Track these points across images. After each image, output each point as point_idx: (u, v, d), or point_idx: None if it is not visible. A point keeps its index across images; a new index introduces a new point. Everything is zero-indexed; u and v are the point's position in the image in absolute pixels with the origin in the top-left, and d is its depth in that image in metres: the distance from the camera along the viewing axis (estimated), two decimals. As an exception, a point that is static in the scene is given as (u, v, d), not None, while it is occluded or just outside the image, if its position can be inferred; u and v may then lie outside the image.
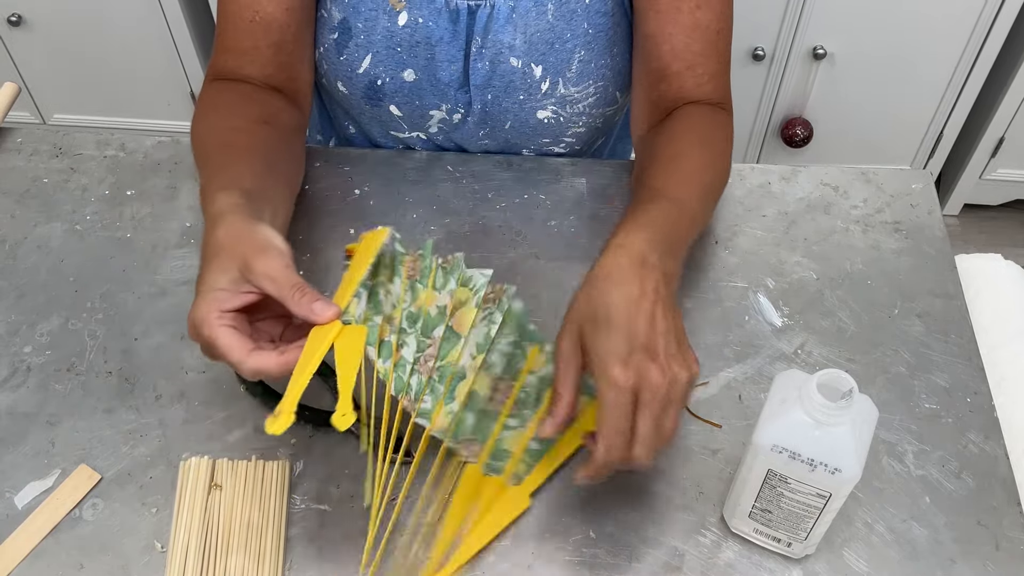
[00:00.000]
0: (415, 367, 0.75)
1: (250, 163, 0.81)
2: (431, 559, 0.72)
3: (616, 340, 0.66)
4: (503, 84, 0.94)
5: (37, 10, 1.87)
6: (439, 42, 0.91)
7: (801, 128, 1.92)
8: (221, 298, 0.67)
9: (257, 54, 0.90)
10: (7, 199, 0.96)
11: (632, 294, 0.68)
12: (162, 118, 2.05)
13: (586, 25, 0.91)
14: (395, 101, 0.96)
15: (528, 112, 0.96)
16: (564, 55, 0.92)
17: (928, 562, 0.73)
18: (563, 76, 0.93)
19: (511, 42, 0.91)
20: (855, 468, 0.63)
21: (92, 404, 0.81)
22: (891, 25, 1.76)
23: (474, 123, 0.98)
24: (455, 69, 0.93)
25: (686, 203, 0.79)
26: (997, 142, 1.94)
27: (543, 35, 0.91)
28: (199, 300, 0.67)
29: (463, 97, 0.96)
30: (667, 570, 0.73)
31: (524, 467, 0.77)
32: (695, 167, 0.84)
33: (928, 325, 0.87)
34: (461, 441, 0.76)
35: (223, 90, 0.91)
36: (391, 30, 0.91)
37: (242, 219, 0.71)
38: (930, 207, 0.97)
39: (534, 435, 0.77)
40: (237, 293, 0.67)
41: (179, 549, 0.72)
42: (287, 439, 0.79)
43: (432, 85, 0.95)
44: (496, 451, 0.77)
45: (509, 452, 0.77)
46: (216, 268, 0.68)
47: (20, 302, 0.88)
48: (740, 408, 0.81)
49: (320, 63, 0.95)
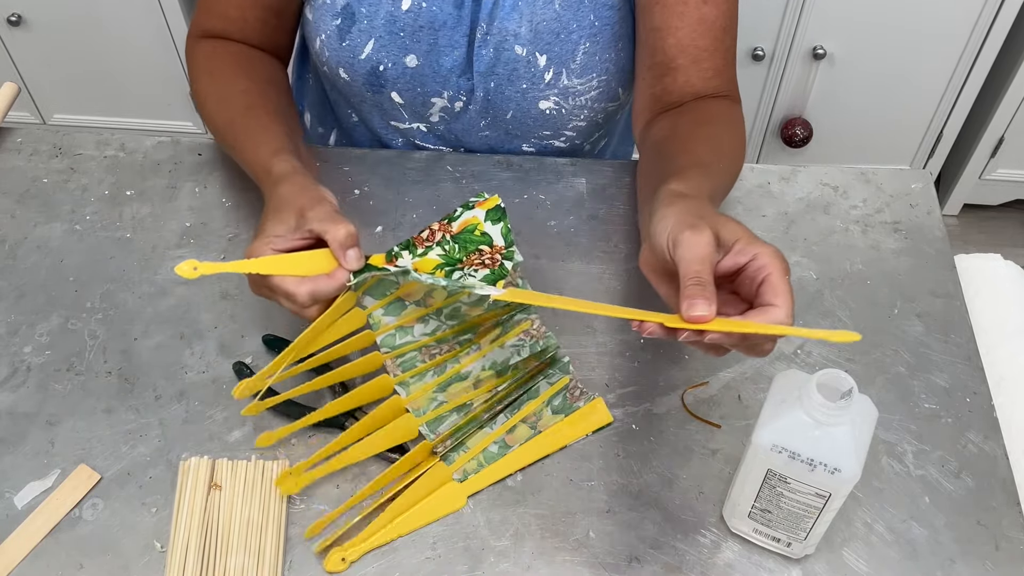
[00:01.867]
0: (420, 348, 0.78)
1: (280, 124, 0.88)
2: (361, 534, 0.74)
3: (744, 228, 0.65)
4: (507, 72, 0.94)
5: (37, 10, 1.87)
6: (442, 27, 0.92)
7: (801, 128, 1.92)
8: (276, 241, 0.74)
9: (243, 24, 0.96)
10: (7, 199, 0.96)
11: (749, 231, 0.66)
12: (162, 118, 2.05)
13: (592, 17, 0.91)
14: (397, 88, 0.96)
15: (531, 102, 0.96)
16: (569, 46, 0.92)
17: (928, 562, 0.73)
18: (567, 67, 0.93)
19: (516, 30, 0.91)
20: (855, 468, 0.63)
21: (92, 404, 0.81)
22: (891, 25, 1.76)
23: (476, 112, 0.98)
24: (458, 55, 0.94)
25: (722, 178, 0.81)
26: (997, 142, 1.94)
27: (549, 24, 0.91)
28: (257, 241, 0.74)
29: (465, 84, 0.96)
30: (667, 570, 0.73)
31: (475, 466, 0.77)
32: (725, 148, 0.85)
33: (928, 325, 0.87)
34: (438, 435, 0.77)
35: (221, 50, 0.96)
36: (394, 15, 0.91)
37: (302, 178, 0.79)
38: (930, 207, 0.97)
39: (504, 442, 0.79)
40: (291, 239, 0.74)
41: (179, 549, 0.72)
42: (287, 439, 0.79)
43: (434, 71, 0.95)
44: (456, 442, 0.78)
45: (468, 447, 0.78)
46: (276, 219, 0.75)
47: (20, 302, 0.88)
48: (740, 408, 0.81)
49: (322, 50, 0.96)
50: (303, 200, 0.75)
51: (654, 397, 0.82)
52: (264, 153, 0.83)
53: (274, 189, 0.79)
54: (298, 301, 0.73)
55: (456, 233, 0.79)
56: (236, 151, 0.88)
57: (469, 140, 1.02)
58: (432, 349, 0.80)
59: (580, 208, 0.95)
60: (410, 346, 0.79)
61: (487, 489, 0.77)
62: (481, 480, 0.77)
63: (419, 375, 0.79)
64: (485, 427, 0.79)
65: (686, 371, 0.83)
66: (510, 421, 0.79)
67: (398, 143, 1.04)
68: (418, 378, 0.79)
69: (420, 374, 0.79)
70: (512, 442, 0.79)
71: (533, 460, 0.78)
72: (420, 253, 0.78)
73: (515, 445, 0.78)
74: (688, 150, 0.82)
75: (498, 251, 0.79)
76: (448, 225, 0.80)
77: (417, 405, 0.78)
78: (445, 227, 0.79)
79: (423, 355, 0.79)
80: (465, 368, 0.80)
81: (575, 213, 0.95)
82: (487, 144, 1.02)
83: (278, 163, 0.81)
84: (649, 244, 0.69)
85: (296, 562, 0.73)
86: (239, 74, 0.93)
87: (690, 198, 0.70)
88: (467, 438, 0.78)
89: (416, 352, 0.79)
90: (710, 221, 0.65)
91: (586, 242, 0.92)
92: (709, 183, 0.76)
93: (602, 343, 0.85)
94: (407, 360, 0.79)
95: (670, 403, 0.82)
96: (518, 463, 0.78)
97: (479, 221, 0.79)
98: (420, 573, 0.72)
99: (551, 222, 0.94)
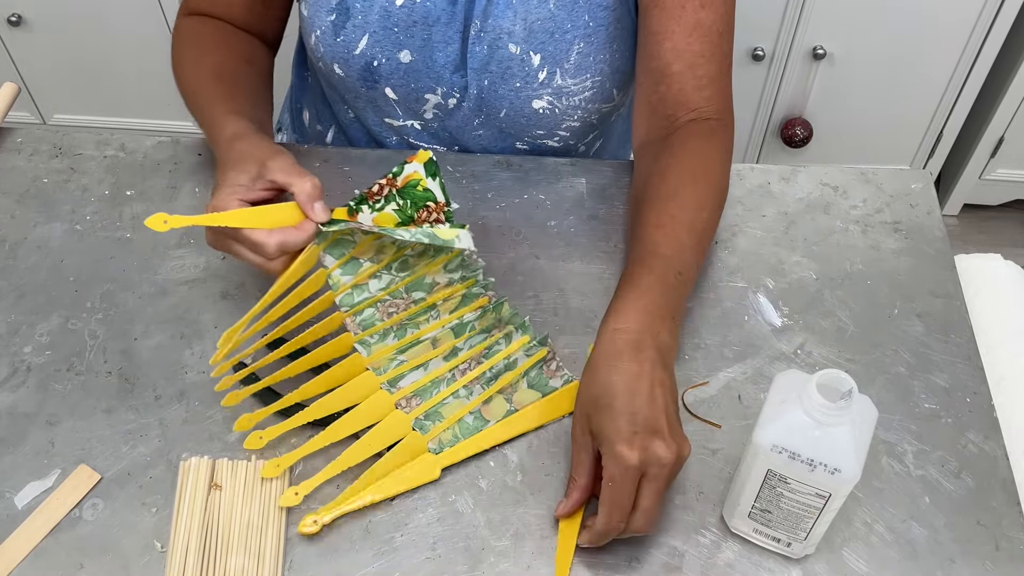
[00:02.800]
0: (377, 304, 0.80)
1: (246, 97, 0.90)
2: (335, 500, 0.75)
3: (620, 421, 0.69)
4: (500, 70, 0.94)
5: (37, 10, 1.87)
6: (436, 22, 0.92)
7: (801, 128, 1.92)
8: (239, 191, 0.76)
9: (228, 7, 0.97)
10: (7, 199, 0.96)
11: (631, 375, 0.71)
12: (162, 118, 2.05)
13: (587, 17, 0.91)
14: (391, 83, 0.97)
15: (524, 100, 0.96)
16: (563, 46, 0.92)
17: (928, 562, 0.73)
18: (561, 67, 0.93)
19: (510, 28, 0.91)
20: (855, 468, 0.63)
21: (92, 404, 0.81)
22: (891, 25, 1.76)
23: (469, 109, 0.98)
24: (451, 51, 0.94)
25: (679, 259, 0.80)
26: (997, 142, 1.94)
27: (543, 23, 0.91)
28: (219, 192, 0.76)
29: (459, 81, 0.96)
30: (667, 570, 0.73)
31: (450, 437, 0.78)
32: (689, 212, 0.83)
33: (928, 325, 0.87)
34: (399, 389, 0.79)
35: (204, 25, 0.97)
36: (388, 10, 0.92)
37: (259, 136, 0.81)
38: (929, 207, 0.97)
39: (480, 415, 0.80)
40: (254, 189, 0.76)
41: (179, 549, 0.72)
42: (287, 439, 0.79)
43: (428, 67, 0.95)
44: (431, 411, 0.79)
45: (443, 417, 0.79)
46: (237, 169, 0.77)
47: (20, 302, 0.88)
48: (740, 408, 0.81)
49: (317, 46, 0.96)
50: (262, 152, 0.77)
51: (654, 397, 0.82)
52: (220, 112, 0.85)
53: (231, 144, 0.80)
54: (266, 252, 0.75)
55: (401, 187, 0.81)
56: (198, 113, 0.89)
57: (463, 138, 1.02)
58: (388, 306, 0.81)
59: (580, 208, 0.95)
60: (367, 302, 0.80)
61: (487, 489, 0.77)
62: (456, 453, 0.78)
63: (380, 335, 0.80)
64: (461, 397, 0.80)
65: (686, 371, 0.83)
66: (486, 392, 0.80)
67: (392, 141, 1.04)
68: (379, 337, 0.80)
69: (381, 333, 0.80)
70: (488, 415, 0.80)
71: (509, 437, 0.79)
72: (378, 207, 0.80)
73: (492, 420, 0.79)
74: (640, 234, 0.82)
75: (441, 208, 0.81)
76: (394, 180, 0.81)
77: (378, 365, 0.80)
78: (391, 182, 0.81)
79: (380, 312, 0.81)
80: (425, 335, 0.81)
81: (575, 213, 0.95)
82: (481, 143, 1.02)
83: (236, 121, 0.83)
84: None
85: (296, 562, 0.73)
86: (219, 46, 0.95)
87: (607, 347, 0.73)
88: (442, 408, 0.79)
89: (373, 309, 0.81)
90: (588, 410, 0.71)
91: (586, 242, 0.92)
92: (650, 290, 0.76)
93: (602, 343, 0.85)
94: (366, 319, 0.80)
95: (670, 403, 0.82)
96: (494, 439, 0.79)
97: (421, 176, 0.81)
98: (420, 573, 0.72)
99: (551, 222, 0.94)
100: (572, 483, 0.73)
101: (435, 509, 0.76)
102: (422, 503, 0.76)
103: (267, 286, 0.78)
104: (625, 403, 0.69)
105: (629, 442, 0.68)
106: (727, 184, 0.89)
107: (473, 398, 0.80)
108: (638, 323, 0.74)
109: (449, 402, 0.80)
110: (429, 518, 0.75)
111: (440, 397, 0.80)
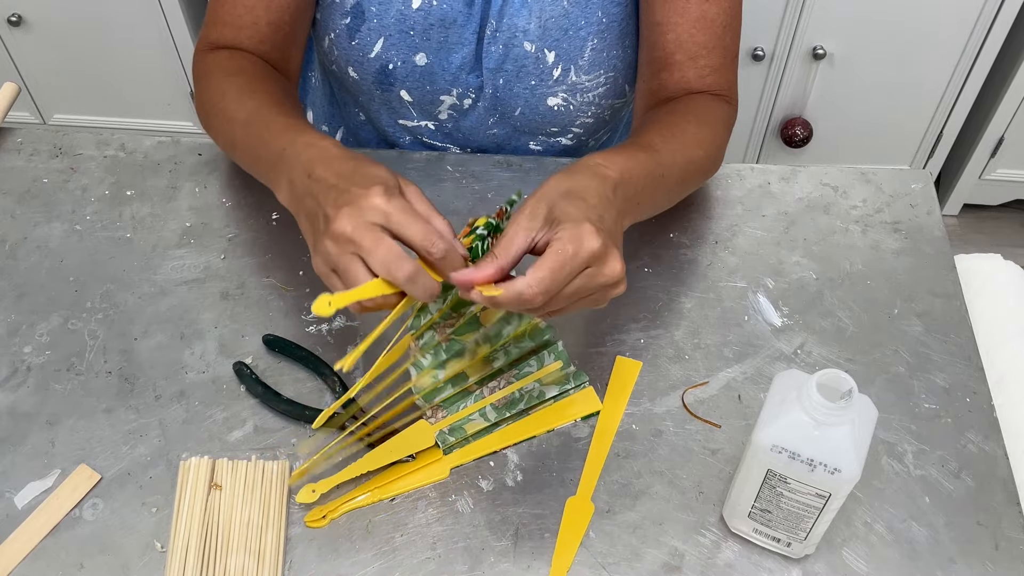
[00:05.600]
0: (436, 324, 0.80)
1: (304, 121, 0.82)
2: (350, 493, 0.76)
3: (592, 213, 0.67)
4: (515, 68, 0.94)
5: (37, 10, 1.87)
6: (452, 24, 0.92)
7: (801, 128, 1.92)
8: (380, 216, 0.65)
9: (255, 30, 0.90)
10: (7, 199, 0.96)
11: (606, 195, 0.70)
12: (162, 118, 2.05)
13: (600, 14, 0.91)
14: (406, 86, 0.97)
15: (539, 98, 0.96)
16: (577, 42, 0.92)
17: (928, 562, 0.73)
18: (575, 64, 0.94)
19: (526, 26, 0.91)
20: (855, 468, 0.63)
21: (92, 404, 0.81)
22: (891, 25, 1.76)
23: (484, 109, 0.98)
24: (467, 52, 0.94)
25: (670, 168, 0.81)
26: (996, 142, 1.94)
27: (558, 21, 0.91)
28: (377, 171, 0.68)
29: (474, 82, 0.96)
30: (667, 570, 0.73)
31: (460, 438, 0.79)
32: (688, 139, 0.85)
33: (927, 325, 0.87)
34: (431, 404, 0.79)
35: (242, 58, 0.89)
36: (404, 13, 0.91)
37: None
38: (929, 207, 0.97)
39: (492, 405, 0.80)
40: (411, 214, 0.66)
41: (179, 549, 0.72)
42: (287, 439, 0.79)
43: (443, 69, 0.95)
44: (455, 426, 0.79)
45: (465, 432, 0.79)
46: (370, 163, 0.69)
47: (20, 302, 0.88)
48: (740, 408, 0.81)
49: (331, 49, 0.96)
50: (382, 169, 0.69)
51: (654, 397, 0.82)
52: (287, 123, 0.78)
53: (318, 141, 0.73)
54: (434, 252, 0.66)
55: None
56: (256, 140, 0.80)
57: (477, 137, 1.02)
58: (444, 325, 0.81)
59: (580, 208, 0.95)
60: (427, 323, 0.80)
61: (487, 489, 0.77)
62: (466, 454, 0.78)
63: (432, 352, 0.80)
64: (485, 414, 0.80)
65: (686, 371, 0.84)
66: (498, 393, 0.80)
67: (406, 141, 1.04)
68: (432, 358, 0.80)
69: (433, 352, 0.80)
70: (498, 418, 0.80)
71: (518, 440, 0.79)
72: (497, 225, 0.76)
73: (502, 423, 0.80)
74: (642, 132, 0.84)
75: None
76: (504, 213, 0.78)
77: (422, 385, 0.80)
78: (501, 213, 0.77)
79: (439, 327, 0.81)
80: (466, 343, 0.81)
81: (575, 213, 0.95)
82: (495, 142, 1.02)
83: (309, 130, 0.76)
84: None
85: (296, 562, 0.73)
86: (267, 76, 0.88)
87: (587, 169, 0.72)
88: (466, 424, 0.79)
89: (432, 331, 0.81)
90: (555, 197, 0.68)
91: (586, 242, 0.92)
92: (636, 163, 0.76)
93: (603, 342, 0.85)
94: (426, 342, 0.80)
95: (670, 403, 0.82)
96: (503, 441, 0.79)
97: None
98: (420, 573, 0.72)
99: (551, 222, 0.94)
100: (490, 258, 0.66)
101: (435, 509, 0.76)
102: (422, 503, 0.76)
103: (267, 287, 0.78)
104: (599, 205, 0.68)
105: (596, 230, 0.66)
106: (723, 147, 0.90)
107: (485, 397, 0.80)
108: (618, 177, 0.73)
109: (474, 419, 0.80)
110: (429, 518, 0.75)
111: (466, 412, 0.79)
